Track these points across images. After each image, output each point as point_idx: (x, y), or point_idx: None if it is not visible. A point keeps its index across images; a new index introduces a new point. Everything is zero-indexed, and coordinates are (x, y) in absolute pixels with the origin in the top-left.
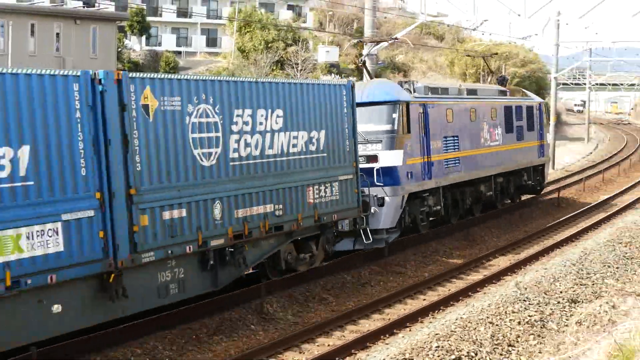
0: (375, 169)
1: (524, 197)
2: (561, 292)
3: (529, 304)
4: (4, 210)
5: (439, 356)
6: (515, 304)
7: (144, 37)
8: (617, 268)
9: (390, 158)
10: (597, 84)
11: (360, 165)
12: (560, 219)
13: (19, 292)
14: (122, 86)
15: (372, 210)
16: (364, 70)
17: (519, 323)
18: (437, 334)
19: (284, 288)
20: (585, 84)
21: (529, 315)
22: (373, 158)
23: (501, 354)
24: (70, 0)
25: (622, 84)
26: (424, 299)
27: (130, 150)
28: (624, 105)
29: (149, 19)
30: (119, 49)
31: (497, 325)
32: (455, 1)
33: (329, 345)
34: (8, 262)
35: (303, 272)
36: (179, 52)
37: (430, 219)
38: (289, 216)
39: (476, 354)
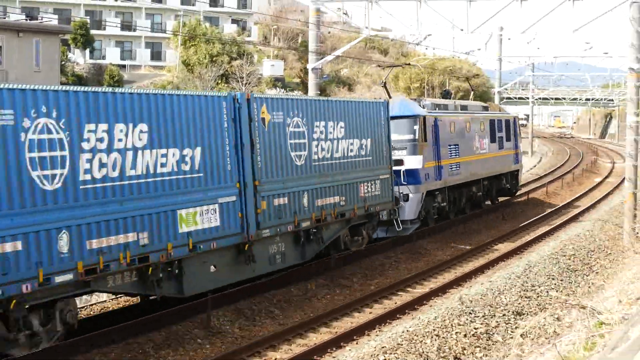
0: (401, 171)
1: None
2: (506, 304)
3: (475, 316)
4: (188, 193)
5: None
6: (461, 317)
7: (87, 50)
8: (561, 280)
9: (413, 162)
10: (540, 98)
11: None
12: (505, 233)
13: (195, 254)
14: (250, 104)
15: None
16: (385, 90)
17: (465, 335)
18: (383, 347)
19: (230, 302)
20: (528, 98)
21: (475, 328)
22: (400, 162)
23: None
24: (12, 13)
25: (564, 98)
26: (371, 312)
27: (254, 152)
28: (566, 119)
29: (92, 32)
30: (63, 62)
31: (443, 337)
32: (399, 16)
33: (276, 359)
34: (190, 232)
35: (249, 285)
36: (124, 66)
37: (435, 215)
38: (349, 206)
39: None
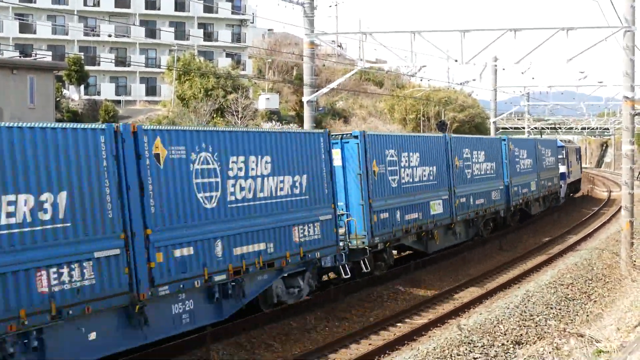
0: (560, 173)
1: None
2: (505, 334)
3: (474, 346)
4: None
5: None
6: (460, 347)
7: (82, 86)
8: (559, 309)
9: (563, 169)
10: (535, 128)
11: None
12: (503, 262)
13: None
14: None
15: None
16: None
17: None
18: None
19: (229, 335)
20: (524, 128)
21: (474, 358)
22: (559, 169)
23: None
24: (6, 50)
25: (560, 128)
26: (370, 344)
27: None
28: None
29: (87, 67)
30: (58, 99)
31: None
32: (393, 48)
33: None
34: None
35: (248, 317)
36: (119, 101)
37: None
38: (552, 188)
39: None
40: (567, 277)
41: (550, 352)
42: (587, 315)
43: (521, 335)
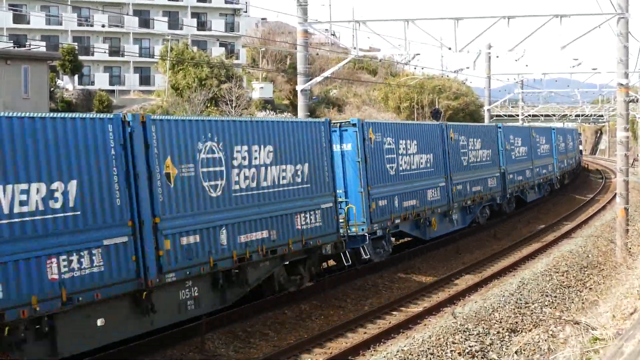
0: (579, 151)
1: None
2: (500, 322)
3: (469, 334)
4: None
5: None
6: (455, 335)
7: (76, 76)
8: (554, 297)
9: (580, 147)
10: (529, 115)
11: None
12: (498, 250)
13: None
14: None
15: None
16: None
17: (460, 354)
18: None
19: (224, 325)
20: (518, 115)
21: (470, 346)
22: (578, 148)
23: None
24: (0, 41)
25: (554, 115)
26: (365, 332)
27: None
28: None
29: (80, 57)
30: (52, 89)
31: (438, 356)
32: (386, 36)
33: None
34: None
35: (242, 307)
36: (112, 91)
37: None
38: (569, 166)
39: None
40: (562, 264)
41: (545, 340)
42: (583, 303)
43: (516, 323)
